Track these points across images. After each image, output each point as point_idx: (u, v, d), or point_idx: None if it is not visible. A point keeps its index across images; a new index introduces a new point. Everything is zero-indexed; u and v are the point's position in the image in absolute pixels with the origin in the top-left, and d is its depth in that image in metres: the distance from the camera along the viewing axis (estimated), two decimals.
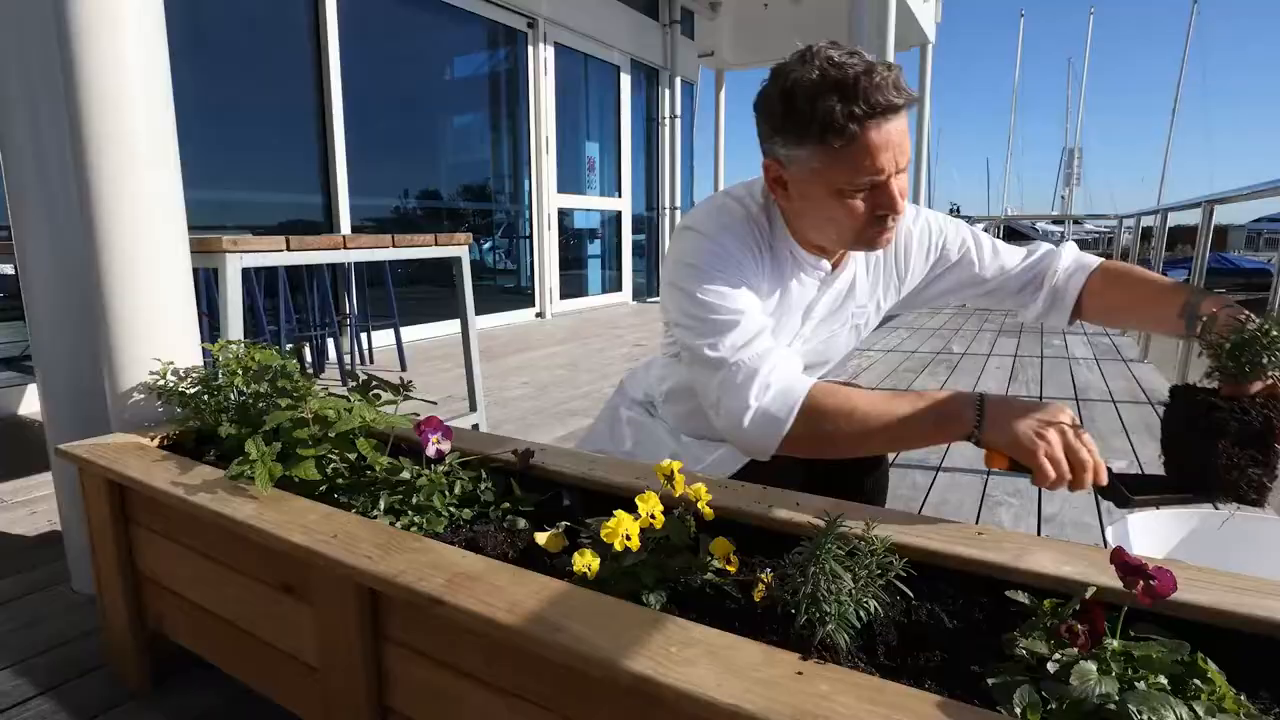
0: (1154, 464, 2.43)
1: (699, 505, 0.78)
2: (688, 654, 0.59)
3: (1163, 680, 0.57)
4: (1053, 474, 0.81)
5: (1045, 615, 0.69)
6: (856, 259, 1.17)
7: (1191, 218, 4.84)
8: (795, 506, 0.90)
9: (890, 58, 8.11)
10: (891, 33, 7.97)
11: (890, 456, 1.37)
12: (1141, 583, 0.63)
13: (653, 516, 0.74)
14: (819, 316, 1.18)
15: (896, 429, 0.92)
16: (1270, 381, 0.81)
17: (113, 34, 1.25)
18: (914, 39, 10.51)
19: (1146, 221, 5.85)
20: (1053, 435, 0.82)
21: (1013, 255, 1.21)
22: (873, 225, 0.98)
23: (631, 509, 0.86)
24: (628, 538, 0.71)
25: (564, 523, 0.81)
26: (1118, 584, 0.72)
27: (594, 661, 0.59)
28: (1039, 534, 1.89)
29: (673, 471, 0.81)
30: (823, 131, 0.91)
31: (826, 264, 1.12)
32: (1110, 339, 5.23)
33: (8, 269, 3.21)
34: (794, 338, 1.17)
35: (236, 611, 1.01)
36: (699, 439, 1.36)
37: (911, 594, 0.73)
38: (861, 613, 0.67)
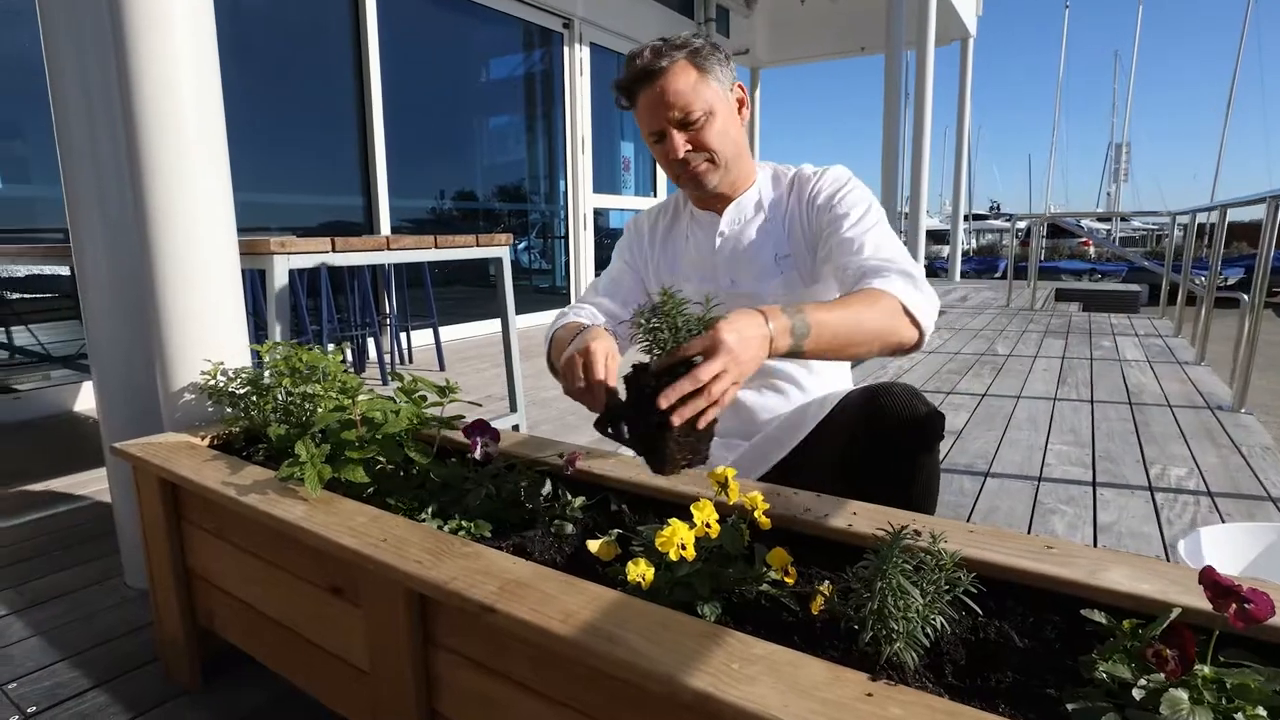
0: (1214, 471, 2.33)
1: (755, 514, 0.76)
2: (750, 671, 0.56)
3: (1261, 712, 0.53)
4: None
5: (1125, 636, 0.65)
6: (763, 208, 1.29)
7: (1246, 215, 4.67)
8: (852, 516, 0.87)
9: (930, 52, 7.96)
10: (932, 27, 7.83)
11: (941, 456, 1.31)
12: (1234, 605, 0.59)
13: (708, 525, 0.72)
14: (729, 252, 1.30)
15: (563, 350, 1.10)
16: (681, 354, 0.82)
17: (164, 41, 1.27)
18: (954, 33, 10.30)
19: (1185, 220, 5.65)
20: (567, 368, 0.96)
21: (865, 251, 1.14)
22: (674, 166, 1.21)
23: (680, 515, 0.84)
24: (683, 547, 0.69)
25: (616, 530, 0.79)
26: (1202, 604, 0.68)
27: (652, 676, 0.57)
28: (1095, 544, 1.82)
29: (726, 478, 0.79)
30: (619, 99, 1.23)
31: (712, 214, 1.31)
32: (1164, 340, 5.06)
33: (65, 271, 3.32)
34: (715, 279, 1.30)
35: (285, 611, 1.02)
36: (722, 439, 1.34)
37: (980, 610, 0.70)
38: (929, 630, 0.64)
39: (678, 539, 0.69)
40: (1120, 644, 0.64)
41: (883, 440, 1.09)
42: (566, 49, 6.30)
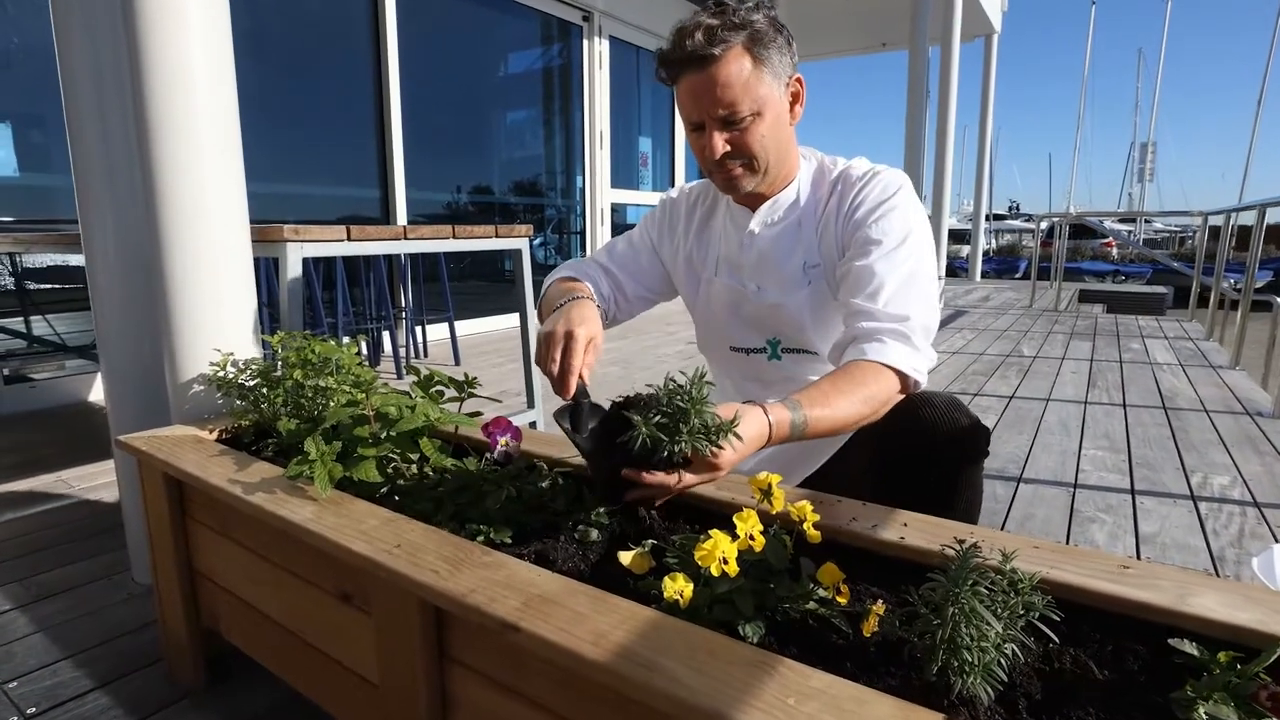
0: (1258, 481, 2.23)
1: (804, 527, 0.69)
2: (808, 708, 0.50)
3: None
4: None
5: (1224, 671, 0.58)
6: (804, 212, 1.17)
7: (1271, 216, 4.54)
8: (902, 527, 0.80)
9: (955, 48, 7.83)
10: (958, 22, 7.69)
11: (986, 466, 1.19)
12: None
13: (752, 538, 0.65)
14: (756, 254, 1.19)
15: (543, 318, 1.12)
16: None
17: (177, 24, 1.22)
18: (978, 29, 10.14)
19: (1216, 221, 5.50)
20: (547, 342, 0.94)
21: (879, 297, 1.02)
22: (708, 163, 1.08)
23: (714, 523, 0.77)
24: (725, 561, 0.63)
25: (650, 541, 0.73)
26: None
27: (697, 710, 0.50)
28: (1138, 555, 1.74)
29: (770, 485, 0.72)
30: (659, 72, 1.07)
31: (746, 210, 1.19)
32: (1195, 343, 4.92)
33: (80, 260, 3.30)
34: (741, 281, 1.21)
35: (291, 616, 0.96)
36: None
37: (1055, 637, 0.63)
38: (1002, 660, 0.57)
39: (719, 552, 0.63)
40: (1219, 680, 0.57)
41: (922, 456, 1.00)
42: (586, 42, 6.23)
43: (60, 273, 3.42)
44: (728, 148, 1.06)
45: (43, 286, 3.43)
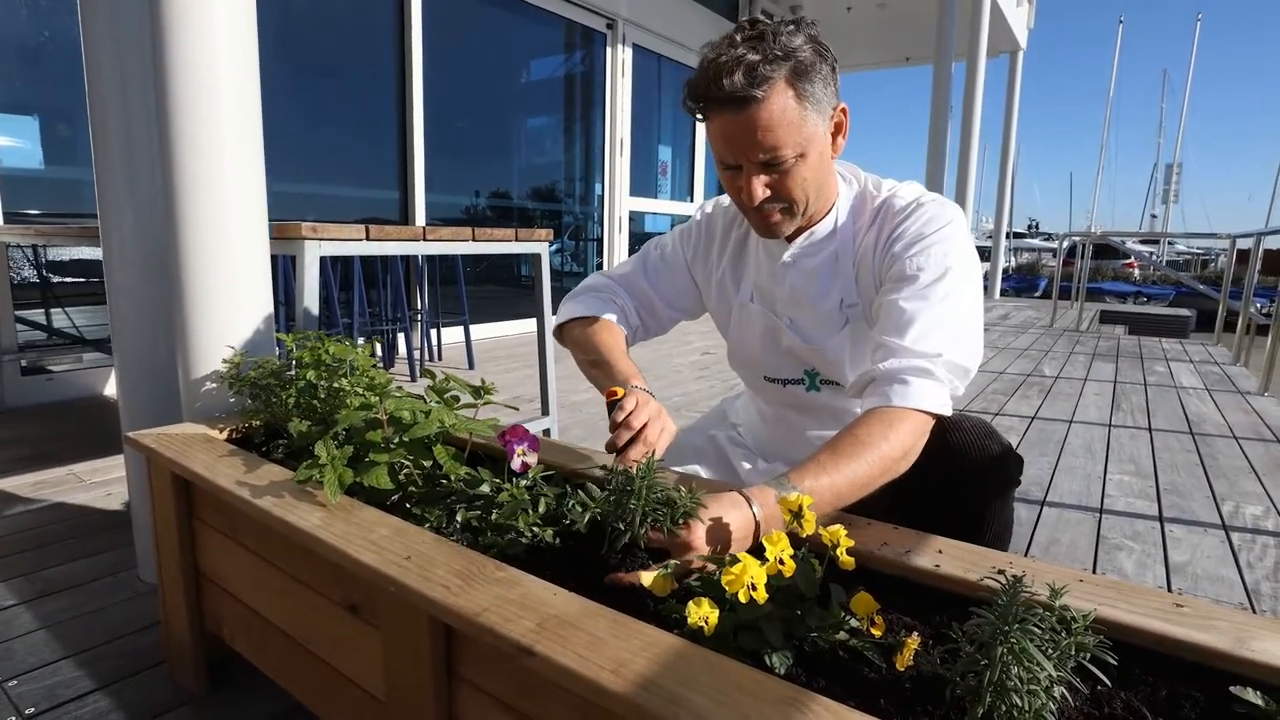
0: None
1: (837, 554, 0.65)
2: None
3: None
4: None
5: None
6: (841, 244, 1.08)
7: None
8: (937, 554, 0.76)
9: (981, 64, 7.77)
10: (984, 38, 7.64)
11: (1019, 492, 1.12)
12: None
13: (781, 563, 0.62)
14: (789, 288, 1.12)
15: (589, 369, 1.12)
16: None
17: (203, 23, 1.21)
18: (1003, 45, 10.08)
19: (1244, 245, 5.41)
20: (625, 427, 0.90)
21: (908, 333, 0.93)
22: (743, 204, 1.01)
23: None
24: (753, 587, 0.59)
25: (672, 561, 0.69)
26: None
27: None
28: (1169, 586, 1.68)
29: (801, 506, 0.68)
30: (686, 102, 0.98)
31: (783, 242, 1.11)
32: (1221, 368, 4.82)
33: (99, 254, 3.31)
34: (775, 311, 1.15)
35: (297, 626, 0.93)
36: (770, 462, 1.24)
37: (1107, 680, 0.58)
38: (1051, 704, 0.53)
39: (748, 577, 0.59)
40: None
41: (948, 485, 0.95)
42: (609, 50, 6.24)
43: (82, 266, 3.44)
44: (767, 192, 0.97)
45: (64, 279, 3.45)
